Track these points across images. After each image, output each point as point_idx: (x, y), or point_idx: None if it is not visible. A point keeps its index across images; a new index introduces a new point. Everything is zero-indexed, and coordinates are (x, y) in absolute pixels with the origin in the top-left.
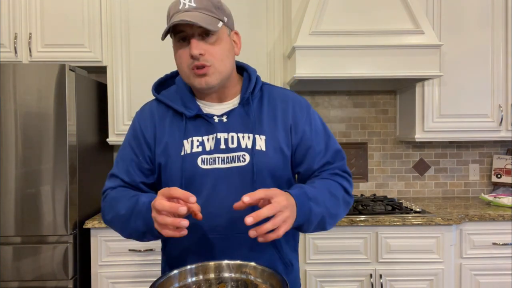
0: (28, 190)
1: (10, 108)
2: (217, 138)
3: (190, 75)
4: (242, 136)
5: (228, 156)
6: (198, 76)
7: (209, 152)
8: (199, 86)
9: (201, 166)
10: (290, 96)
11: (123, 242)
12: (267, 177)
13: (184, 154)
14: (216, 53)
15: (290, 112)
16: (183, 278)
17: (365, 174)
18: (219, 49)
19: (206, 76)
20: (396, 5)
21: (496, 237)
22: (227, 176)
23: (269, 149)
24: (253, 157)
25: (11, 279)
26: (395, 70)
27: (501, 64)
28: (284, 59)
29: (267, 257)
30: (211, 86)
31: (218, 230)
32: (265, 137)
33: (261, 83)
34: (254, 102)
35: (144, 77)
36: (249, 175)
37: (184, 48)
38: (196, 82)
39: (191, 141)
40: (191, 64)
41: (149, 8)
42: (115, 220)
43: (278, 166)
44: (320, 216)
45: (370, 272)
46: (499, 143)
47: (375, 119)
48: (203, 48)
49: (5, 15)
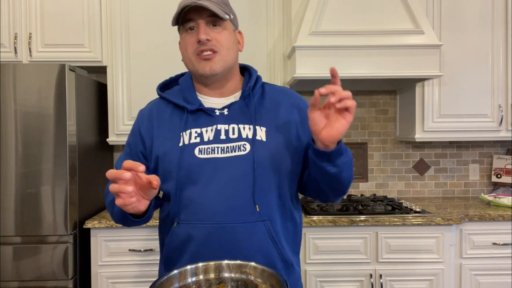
0: (28, 190)
1: (10, 108)
2: (217, 129)
3: (194, 61)
4: (243, 127)
5: (228, 146)
6: (203, 61)
7: (207, 142)
8: (202, 72)
9: (198, 156)
10: (295, 94)
11: (123, 242)
12: (268, 166)
13: (182, 145)
14: (222, 41)
15: (296, 109)
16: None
17: (365, 174)
18: (226, 38)
19: (211, 62)
20: (396, 5)
21: (496, 237)
22: (226, 165)
23: (270, 140)
24: (254, 146)
25: (11, 279)
26: (395, 70)
27: (501, 64)
28: (284, 59)
29: (265, 250)
30: (215, 73)
31: (216, 218)
32: (266, 128)
33: (262, 82)
34: (255, 97)
35: (144, 77)
36: (250, 164)
37: (191, 35)
38: (200, 67)
39: (189, 132)
40: (197, 49)
41: (149, 8)
42: (108, 207)
43: (278, 157)
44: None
45: (370, 272)
46: (499, 143)
47: (375, 119)
48: (210, 34)
49: (5, 15)
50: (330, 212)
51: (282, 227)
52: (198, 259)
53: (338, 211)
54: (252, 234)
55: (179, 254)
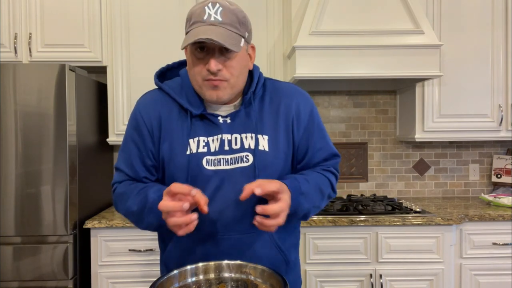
0: (28, 190)
1: (10, 108)
2: (221, 139)
3: (202, 86)
4: (245, 136)
5: (232, 157)
6: (210, 88)
7: (214, 153)
8: (209, 98)
9: (206, 167)
10: (295, 91)
11: (123, 242)
12: (270, 177)
13: (189, 153)
14: (233, 69)
15: (294, 108)
16: (183, 278)
17: (365, 174)
18: (237, 65)
19: (219, 90)
20: (396, 5)
21: (496, 237)
22: (231, 176)
23: (272, 149)
24: (256, 157)
25: (11, 279)
26: (395, 70)
27: (501, 64)
28: (284, 59)
29: (270, 257)
30: (221, 101)
31: (221, 230)
32: (268, 137)
33: (264, 79)
34: (255, 102)
35: (144, 77)
36: (252, 175)
37: (202, 58)
38: (207, 94)
39: (197, 140)
40: (206, 76)
41: (149, 8)
42: (129, 216)
43: (280, 166)
44: (306, 211)
45: (370, 272)
46: (499, 143)
47: (375, 119)
48: (221, 63)
49: (5, 15)
50: (330, 212)
51: (284, 231)
52: None
53: (338, 211)
54: (257, 244)
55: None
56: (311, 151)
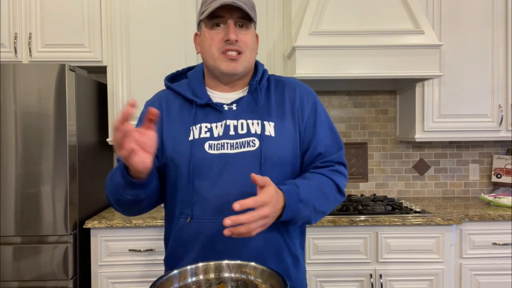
0: (28, 190)
1: (10, 108)
2: (226, 125)
3: (218, 58)
4: (252, 122)
5: (238, 142)
6: (227, 60)
7: (217, 138)
8: (225, 70)
9: (208, 151)
10: (298, 83)
11: (123, 242)
12: (275, 162)
13: (192, 139)
14: (249, 42)
15: (298, 98)
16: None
17: (365, 174)
18: (251, 39)
19: (236, 62)
20: (396, 5)
21: (496, 237)
22: (236, 161)
23: (278, 135)
24: (262, 142)
25: (11, 279)
26: (395, 70)
27: (501, 64)
28: (284, 59)
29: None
30: (237, 73)
31: (225, 214)
32: (274, 123)
33: (268, 75)
34: (262, 91)
35: (144, 77)
36: (258, 160)
37: (218, 31)
38: (223, 66)
39: (199, 127)
40: (222, 47)
41: (149, 8)
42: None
43: (286, 153)
44: (307, 218)
45: (370, 272)
46: (499, 143)
47: (375, 119)
48: (238, 35)
49: (5, 15)
50: (330, 212)
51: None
52: (207, 255)
53: (338, 211)
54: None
55: (185, 250)
56: (315, 141)
